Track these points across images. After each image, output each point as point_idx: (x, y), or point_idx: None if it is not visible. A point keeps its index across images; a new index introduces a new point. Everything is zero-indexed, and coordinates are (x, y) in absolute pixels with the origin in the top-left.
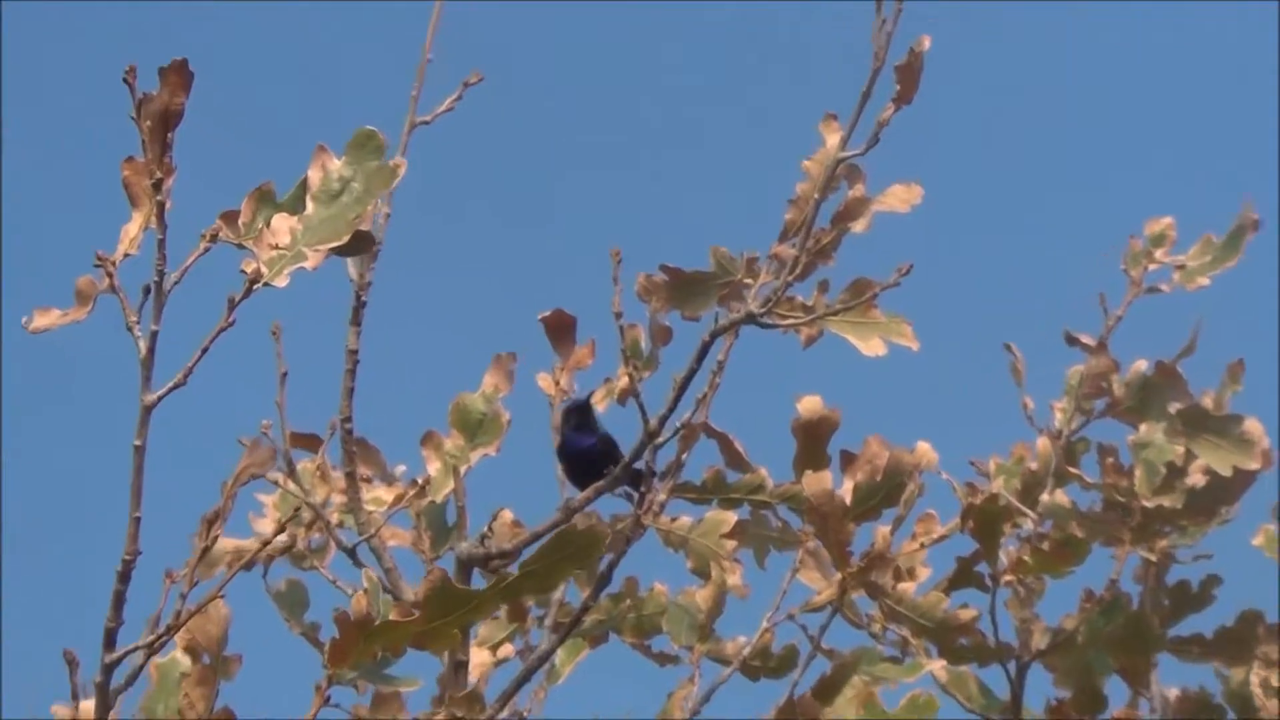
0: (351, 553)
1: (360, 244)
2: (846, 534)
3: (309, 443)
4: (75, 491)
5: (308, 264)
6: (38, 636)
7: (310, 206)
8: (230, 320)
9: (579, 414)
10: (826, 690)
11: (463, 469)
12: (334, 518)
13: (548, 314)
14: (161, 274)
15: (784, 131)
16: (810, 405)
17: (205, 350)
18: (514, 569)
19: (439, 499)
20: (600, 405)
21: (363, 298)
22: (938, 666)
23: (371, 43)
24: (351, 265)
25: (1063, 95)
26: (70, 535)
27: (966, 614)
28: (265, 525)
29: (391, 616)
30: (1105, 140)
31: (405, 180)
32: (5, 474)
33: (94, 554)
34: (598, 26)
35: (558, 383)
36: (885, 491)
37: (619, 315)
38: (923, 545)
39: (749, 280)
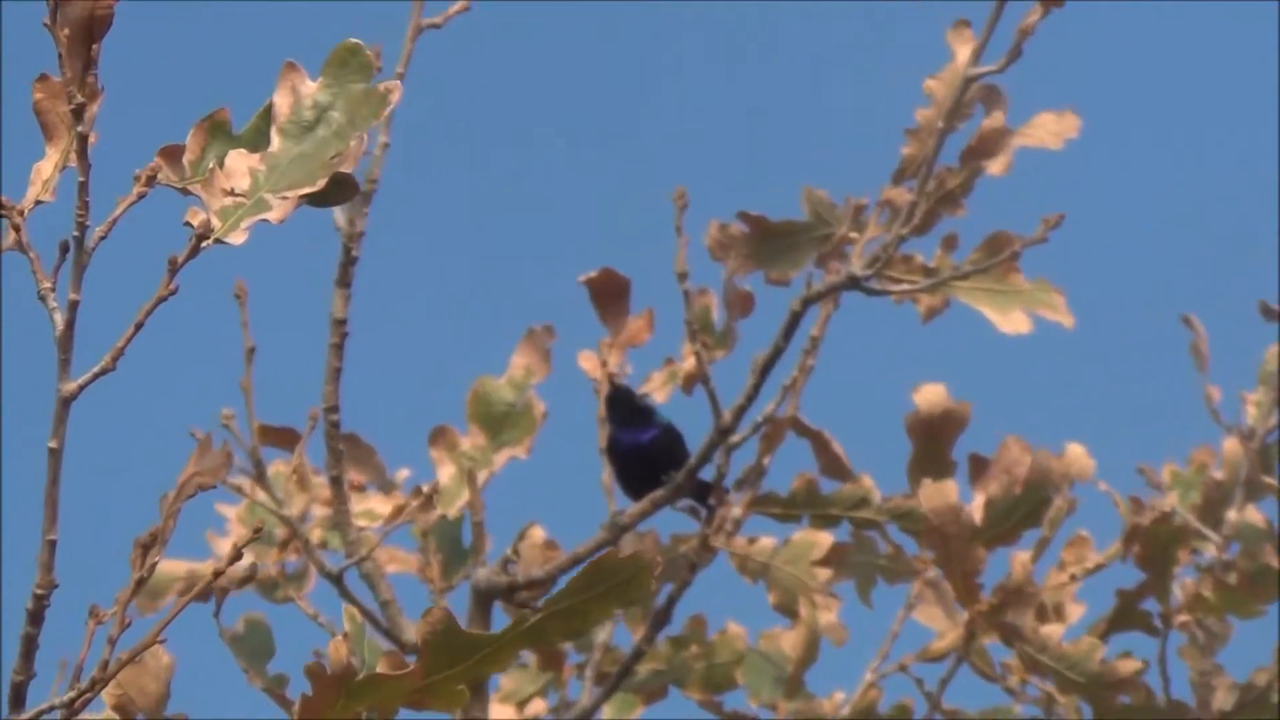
0: (338, 580)
1: (340, 191)
2: (976, 561)
3: (283, 438)
4: None
5: (271, 215)
6: None
7: (276, 141)
8: (172, 288)
9: (625, 402)
10: None
11: (483, 475)
12: (315, 535)
13: (594, 275)
14: (83, 227)
15: (900, 41)
16: (931, 396)
17: (139, 326)
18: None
19: (451, 513)
20: (659, 394)
21: (353, 252)
22: None
23: None
24: (339, 211)
25: None
26: None
27: (1129, 665)
28: (227, 546)
29: (380, 668)
30: None
31: (409, 103)
32: None
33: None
34: None
35: (605, 364)
36: (1027, 508)
37: (684, 277)
38: (1074, 577)
39: (853, 234)
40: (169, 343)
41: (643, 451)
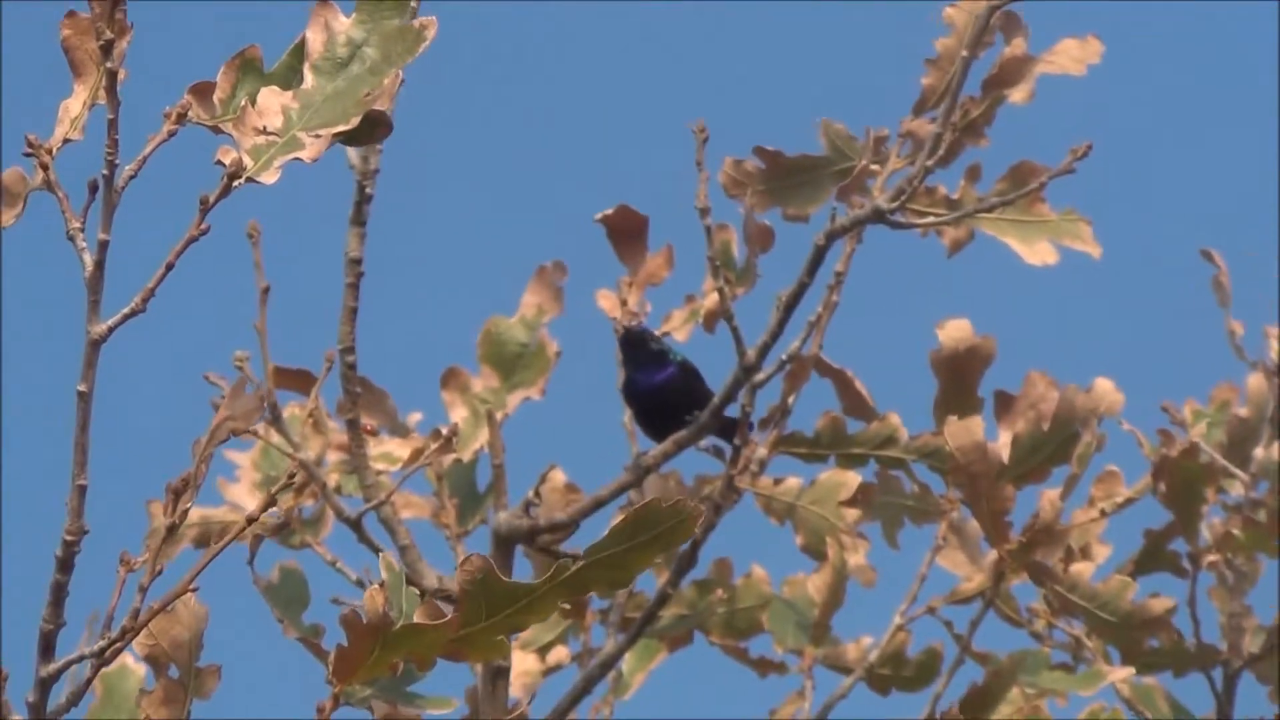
0: (356, 525)
1: (374, 129)
2: (1003, 500)
3: (298, 381)
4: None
5: (304, 154)
6: None
7: (309, 79)
8: (203, 228)
9: (638, 345)
10: (978, 705)
11: (498, 416)
12: (332, 480)
13: (610, 212)
14: (113, 166)
15: None
16: (956, 332)
17: (170, 267)
18: (569, 547)
19: (467, 456)
20: (680, 333)
21: (368, 190)
22: (1122, 676)
23: None
24: (353, 149)
25: None
26: None
27: (1161, 604)
28: (239, 492)
29: (417, 618)
30: None
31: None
32: None
33: (26, 534)
34: None
35: (624, 303)
36: (1054, 445)
37: (705, 212)
38: (1103, 513)
39: (875, 166)
40: (195, 286)
41: (659, 392)
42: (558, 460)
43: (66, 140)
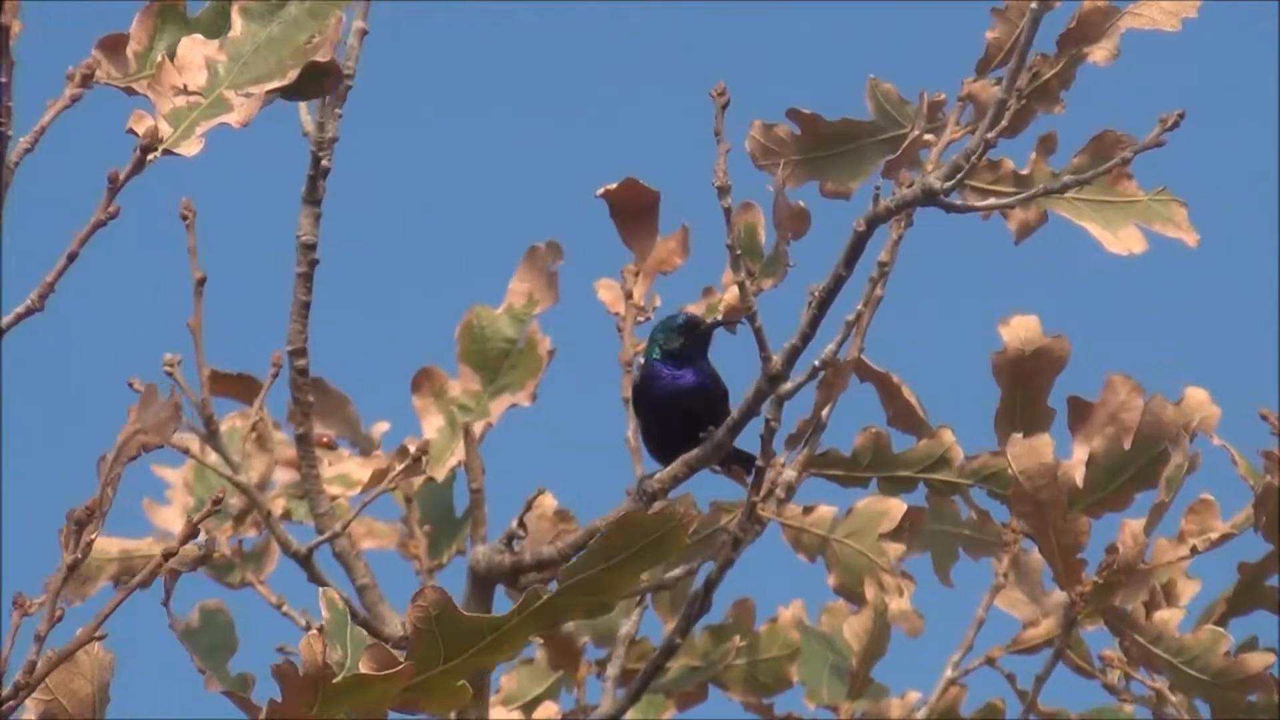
0: (306, 560)
1: (317, 82)
2: (1076, 532)
3: (239, 387)
4: None
5: (233, 117)
6: None
7: (238, 24)
8: (112, 210)
9: (687, 332)
10: None
11: (478, 428)
12: (278, 506)
13: (614, 187)
14: (4, 138)
15: None
16: (1023, 330)
17: (73, 257)
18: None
19: (441, 476)
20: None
21: (324, 162)
22: None
23: None
24: (306, 113)
25: None
26: None
27: (1259, 660)
28: (170, 517)
29: (364, 667)
30: None
31: None
32: None
33: None
34: None
35: (629, 294)
36: (1138, 466)
37: (725, 190)
38: (1195, 550)
39: (929, 136)
40: (105, 275)
41: (688, 396)
42: (548, 482)
43: None
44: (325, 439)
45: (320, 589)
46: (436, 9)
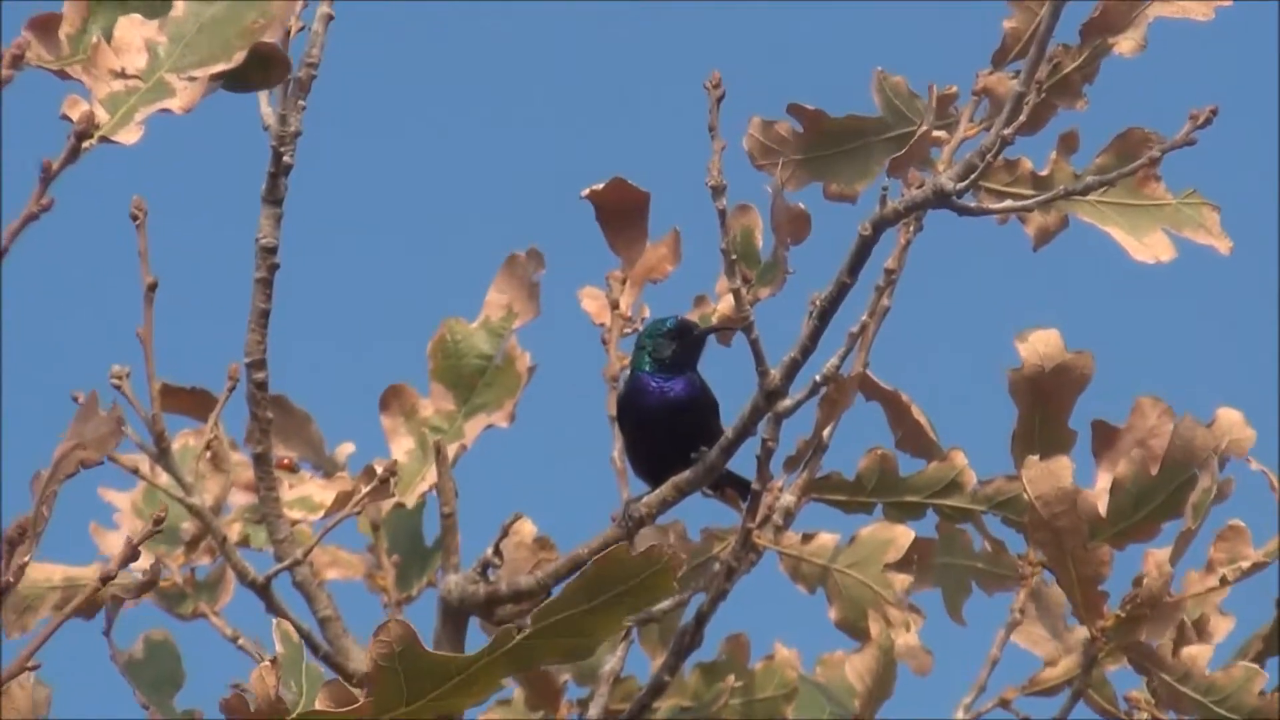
0: (264, 590)
1: (265, 69)
2: (1098, 563)
3: (193, 403)
4: None
5: (174, 103)
6: None
7: (179, 6)
8: (44, 202)
9: (679, 337)
10: None
11: (452, 450)
12: (234, 531)
13: (601, 187)
14: None
15: None
16: (1042, 345)
17: (2, 254)
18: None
19: (411, 501)
20: None
21: (285, 158)
22: None
23: None
24: (266, 104)
25: None
26: None
27: None
28: (118, 543)
29: (320, 704)
30: None
31: None
32: None
33: None
34: None
35: (615, 304)
36: (1165, 493)
37: (719, 191)
38: (1224, 581)
39: (940, 134)
40: (42, 277)
41: (680, 409)
42: (527, 508)
43: None
44: (286, 461)
45: (274, 620)
46: None
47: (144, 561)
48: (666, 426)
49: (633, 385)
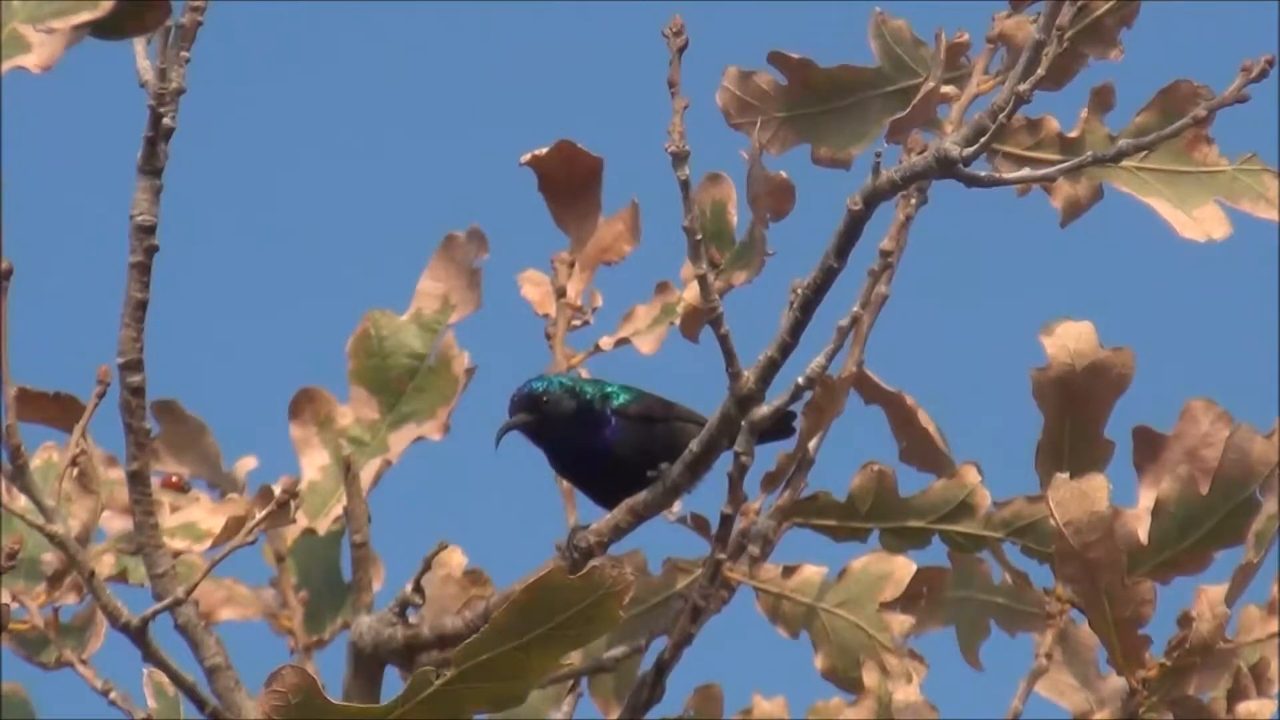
0: (140, 634)
1: (141, 13)
2: (1138, 601)
3: (56, 410)
4: None
5: (31, 60)
6: None
7: None
8: None
9: (541, 407)
10: None
11: (374, 466)
12: (106, 564)
13: (544, 153)
14: None
15: None
16: (1073, 340)
17: None
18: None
19: (323, 527)
20: (646, 341)
21: (165, 119)
22: None
23: None
24: (144, 57)
25: None
26: None
27: None
28: None
29: None
30: None
31: None
32: None
33: None
34: None
35: (562, 292)
36: (1219, 516)
37: (681, 158)
38: None
39: (949, 89)
40: None
41: (604, 461)
42: (460, 535)
43: None
44: (176, 479)
45: (146, 671)
46: None
47: None
48: (602, 473)
49: (552, 454)
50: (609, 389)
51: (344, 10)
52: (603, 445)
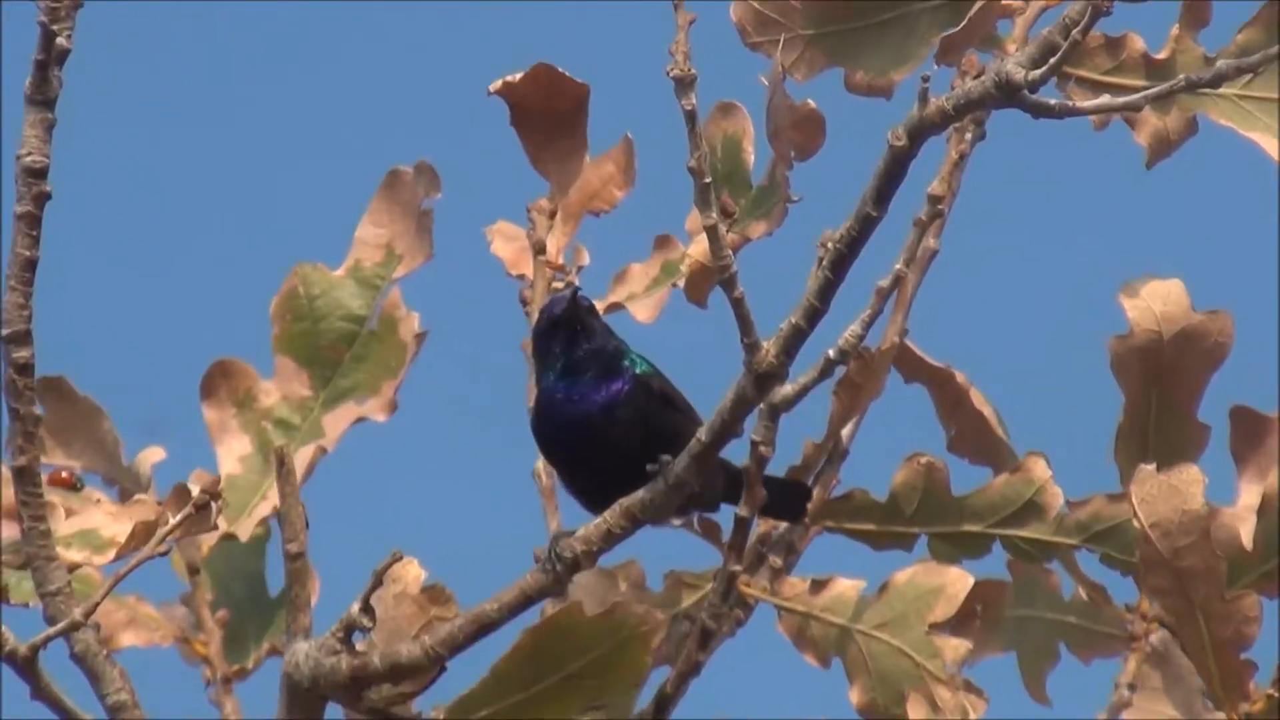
0: (28, 665)
1: None
2: (1241, 619)
3: None
4: None
5: None
6: None
7: None
8: None
9: (576, 325)
10: None
11: (305, 456)
12: None
13: (517, 79)
14: None
15: None
16: (1160, 303)
17: None
18: (427, 708)
19: (246, 533)
20: (642, 308)
21: (60, 39)
22: None
23: None
24: None
25: None
26: None
27: None
28: None
29: None
30: None
31: None
32: None
33: None
34: None
35: (540, 248)
36: None
37: (687, 83)
38: None
39: (1012, 1)
40: None
41: (601, 422)
42: (414, 542)
43: None
44: (65, 475)
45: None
46: None
47: None
48: (597, 443)
49: (537, 401)
50: (634, 354)
51: None
52: (609, 400)
